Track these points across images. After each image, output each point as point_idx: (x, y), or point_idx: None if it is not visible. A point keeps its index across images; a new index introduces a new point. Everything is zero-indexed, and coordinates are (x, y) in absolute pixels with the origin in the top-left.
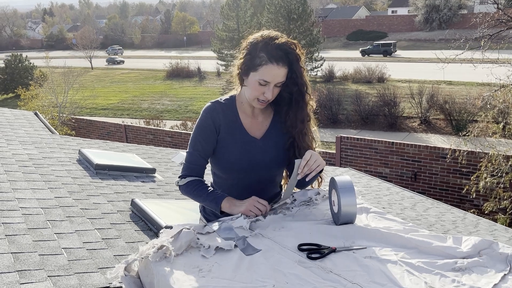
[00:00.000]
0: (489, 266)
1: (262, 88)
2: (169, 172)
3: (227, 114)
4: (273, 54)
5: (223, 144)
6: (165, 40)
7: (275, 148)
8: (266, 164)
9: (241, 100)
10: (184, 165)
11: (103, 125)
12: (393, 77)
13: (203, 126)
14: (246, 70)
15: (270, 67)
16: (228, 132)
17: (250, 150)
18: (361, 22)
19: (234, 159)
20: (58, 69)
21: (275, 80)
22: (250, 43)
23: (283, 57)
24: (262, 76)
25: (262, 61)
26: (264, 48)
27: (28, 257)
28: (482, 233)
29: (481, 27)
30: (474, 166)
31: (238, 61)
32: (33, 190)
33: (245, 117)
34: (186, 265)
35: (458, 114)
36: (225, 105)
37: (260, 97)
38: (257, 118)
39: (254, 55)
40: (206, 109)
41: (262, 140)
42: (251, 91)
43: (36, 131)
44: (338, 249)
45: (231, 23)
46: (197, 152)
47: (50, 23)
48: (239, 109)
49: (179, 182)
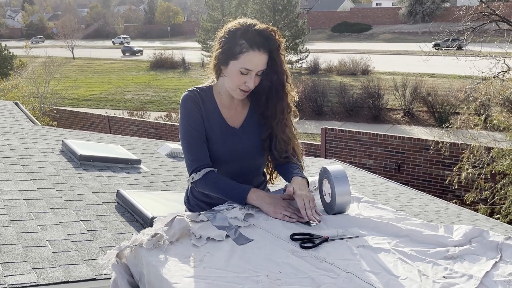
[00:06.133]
0: (480, 254)
1: (244, 77)
2: (154, 164)
3: (206, 103)
4: (254, 41)
5: (206, 133)
6: (148, 30)
7: (254, 138)
8: (246, 153)
9: (218, 91)
10: (191, 160)
11: (86, 116)
12: (377, 70)
13: (191, 114)
14: (225, 60)
15: (252, 54)
16: (208, 122)
17: (230, 140)
18: (346, 14)
19: (214, 150)
20: (38, 59)
21: (257, 68)
22: (228, 32)
23: (264, 43)
24: (243, 65)
25: (243, 48)
26: (244, 35)
27: (11, 249)
28: (465, 223)
29: (464, 20)
30: (456, 158)
31: (215, 52)
32: (15, 181)
33: (223, 107)
34: (178, 254)
35: (440, 107)
36: (203, 94)
37: (242, 86)
38: (235, 108)
39: (233, 43)
40: (188, 98)
41: (241, 129)
42: (232, 81)
43: (17, 122)
44: (331, 238)
45: (216, 14)
46: (197, 141)
47: (30, 12)
48: (217, 99)
49: (195, 178)
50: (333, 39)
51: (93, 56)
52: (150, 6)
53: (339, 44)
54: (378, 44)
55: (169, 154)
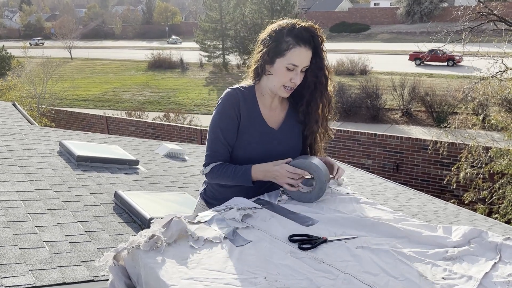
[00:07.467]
0: (479, 255)
1: (290, 73)
2: (152, 164)
3: (247, 102)
4: (300, 37)
5: (242, 133)
6: (146, 30)
7: (292, 138)
8: (282, 154)
9: (260, 91)
10: (207, 154)
11: (84, 117)
12: (376, 69)
13: (225, 113)
14: (272, 58)
15: (298, 50)
16: (248, 121)
17: (268, 140)
18: (344, 14)
19: (251, 149)
20: (36, 59)
21: (303, 64)
22: (274, 31)
23: (309, 40)
24: (290, 60)
25: (290, 45)
26: (290, 32)
27: (8, 250)
28: (463, 223)
29: (462, 20)
30: (454, 157)
31: (257, 53)
32: (13, 182)
33: (264, 107)
34: (175, 256)
35: (439, 106)
36: (245, 93)
37: (287, 83)
38: (275, 109)
39: (280, 40)
40: (228, 96)
41: (279, 130)
42: (278, 78)
43: (14, 122)
44: (329, 239)
45: (214, 14)
46: (219, 140)
47: (28, 12)
48: (259, 99)
49: (204, 171)
50: (331, 39)
51: (91, 56)
52: (148, 6)
53: (337, 44)
54: (376, 44)
55: (167, 155)
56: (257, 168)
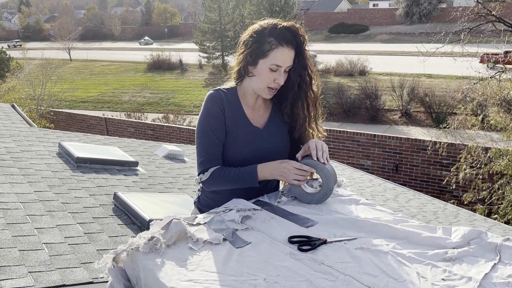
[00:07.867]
0: (479, 256)
1: (273, 74)
2: (152, 165)
3: (231, 103)
4: (282, 37)
5: (228, 133)
6: (145, 31)
7: (278, 137)
8: (270, 152)
9: (243, 92)
10: (202, 160)
11: (83, 118)
12: (375, 70)
13: (211, 114)
14: (254, 59)
15: (281, 50)
16: (232, 121)
17: (253, 139)
18: (343, 15)
19: (238, 149)
20: (35, 61)
21: (286, 64)
22: (255, 32)
23: (292, 39)
24: (273, 61)
25: (272, 45)
26: (272, 33)
27: (7, 252)
28: (462, 224)
29: (461, 21)
30: (454, 158)
31: (240, 55)
32: (12, 184)
33: (247, 108)
34: (175, 258)
35: (438, 107)
36: (228, 94)
37: (271, 84)
38: (258, 109)
39: (262, 41)
40: (211, 97)
41: (265, 129)
42: (262, 80)
43: (13, 124)
44: (329, 240)
45: (213, 15)
46: (212, 141)
47: (27, 14)
48: (241, 100)
49: (202, 178)
50: (330, 40)
51: (90, 58)
52: (147, 7)
53: (336, 45)
54: (375, 45)
55: (167, 156)
56: (263, 166)
